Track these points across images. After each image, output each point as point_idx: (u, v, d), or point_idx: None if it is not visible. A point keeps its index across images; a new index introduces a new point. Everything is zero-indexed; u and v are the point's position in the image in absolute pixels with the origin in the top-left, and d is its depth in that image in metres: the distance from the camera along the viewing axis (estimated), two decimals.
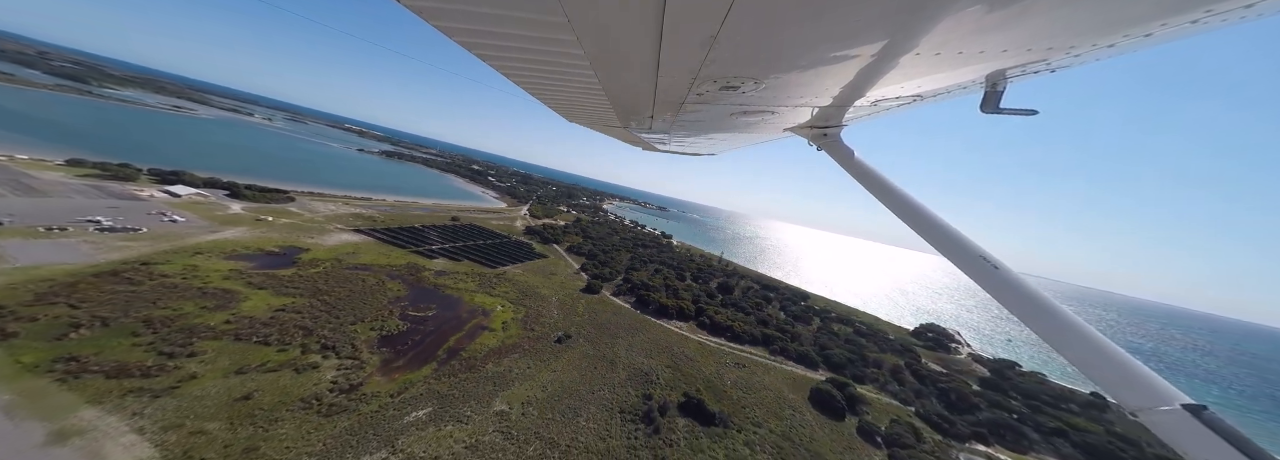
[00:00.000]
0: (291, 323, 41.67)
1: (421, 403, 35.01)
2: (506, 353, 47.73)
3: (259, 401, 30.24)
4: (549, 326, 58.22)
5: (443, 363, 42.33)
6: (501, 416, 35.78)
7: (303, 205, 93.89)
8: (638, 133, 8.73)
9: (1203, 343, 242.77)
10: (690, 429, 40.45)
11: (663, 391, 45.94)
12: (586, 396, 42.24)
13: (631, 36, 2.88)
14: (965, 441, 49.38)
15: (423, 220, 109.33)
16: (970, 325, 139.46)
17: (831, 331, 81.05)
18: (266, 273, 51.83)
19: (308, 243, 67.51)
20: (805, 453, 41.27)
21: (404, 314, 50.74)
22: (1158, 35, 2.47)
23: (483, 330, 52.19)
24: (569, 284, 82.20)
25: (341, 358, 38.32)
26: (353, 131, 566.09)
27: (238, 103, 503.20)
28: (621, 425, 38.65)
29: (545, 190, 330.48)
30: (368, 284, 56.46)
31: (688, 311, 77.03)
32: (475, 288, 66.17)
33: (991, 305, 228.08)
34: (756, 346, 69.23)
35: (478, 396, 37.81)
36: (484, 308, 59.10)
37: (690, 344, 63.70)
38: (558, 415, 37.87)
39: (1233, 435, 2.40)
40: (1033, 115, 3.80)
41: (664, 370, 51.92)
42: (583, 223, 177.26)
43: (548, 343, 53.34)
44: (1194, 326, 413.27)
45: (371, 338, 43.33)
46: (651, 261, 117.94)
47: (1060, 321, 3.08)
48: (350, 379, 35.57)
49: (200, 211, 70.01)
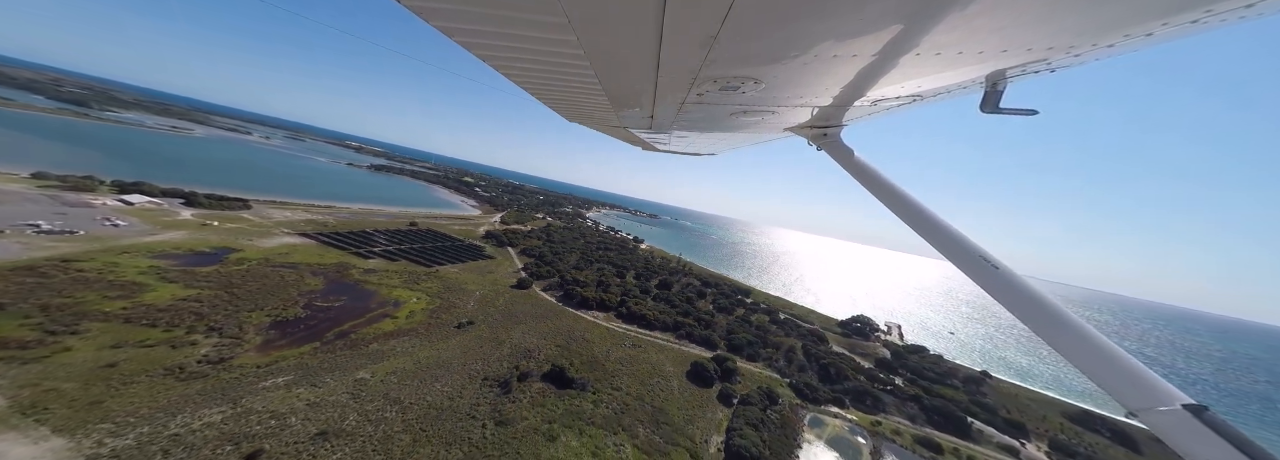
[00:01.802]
0: (188, 310, 46.26)
1: (285, 373, 39.24)
2: (398, 336, 51.98)
3: (122, 369, 34.66)
4: (457, 316, 62.41)
5: (326, 343, 46.62)
6: (359, 383, 39.92)
7: (258, 212, 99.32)
8: (637, 132, 8.76)
9: (1187, 341, 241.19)
10: (543, 391, 44.38)
11: (536, 364, 49.93)
12: (457, 368, 46.32)
13: (632, 36, 2.92)
14: (821, 404, 53.32)
15: (379, 225, 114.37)
16: (922, 319, 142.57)
17: (747, 320, 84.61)
18: (186, 269, 56.63)
19: (244, 244, 72.48)
20: (649, 408, 45.13)
21: (309, 304, 55.19)
22: (1158, 35, 2.48)
23: (385, 318, 56.49)
24: (502, 281, 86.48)
25: (223, 337, 42.75)
26: (352, 147, 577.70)
27: (242, 123, 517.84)
28: (476, 389, 42.69)
29: (531, 199, 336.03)
30: (285, 279, 61.07)
31: (610, 303, 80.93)
32: (399, 284, 70.58)
33: (961, 304, 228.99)
34: (665, 332, 73.00)
35: (344, 368, 42.02)
36: (397, 300, 63.44)
37: (596, 330, 67.59)
38: (417, 382, 41.97)
39: (1234, 436, 2.40)
40: (1033, 115, 3.82)
41: (551, 349, 55.88)
42: (552, 228, 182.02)
43: (448, 328, 57.52)
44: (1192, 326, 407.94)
45: (263, 322, 47.77)
46: (603, 262, 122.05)
47: (1060, 322, 3.08)
48: (222, 354, 39.94)
49: (146, 217, 75.41)
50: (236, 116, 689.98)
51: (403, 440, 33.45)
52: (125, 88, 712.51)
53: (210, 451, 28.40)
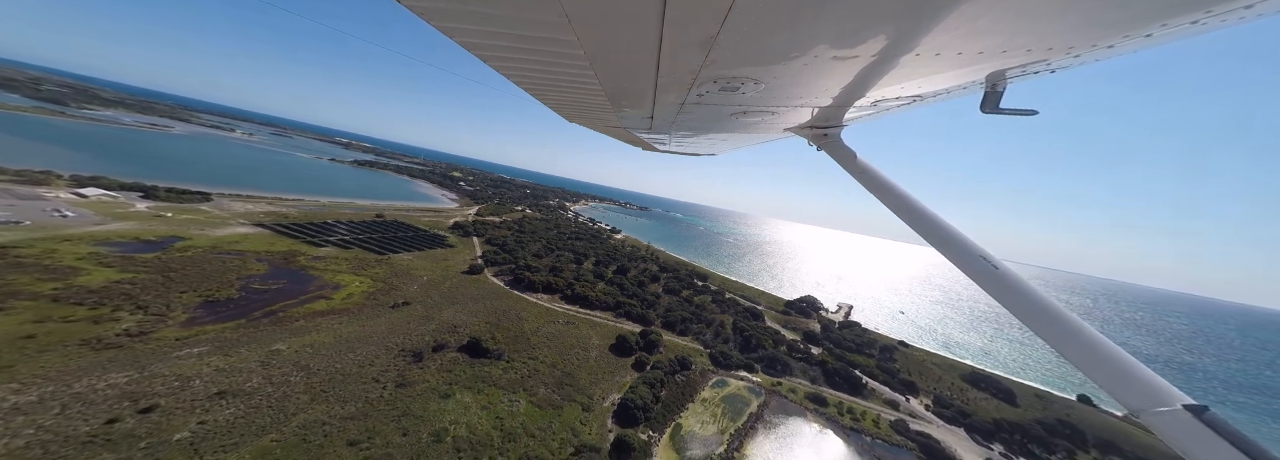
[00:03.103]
0: (119, 291, 48.84)
1: (202, 345, 42.01)
2: (328, 315, 54.75)
3: (40, 340, 37.34)
4: (395, 297, 65.18)
5: (253, 320, 49.37)
6: (272, 353, 42.75)
7: (218, 204, 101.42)
8: (637, 133, 8.79)
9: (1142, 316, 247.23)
10: (455, 360, 47.43)
11: (455, 338, 52.90)
12: (377, 342, 49.21)
13: (632, 37, 2.93)
14: (733, 370, 57.61)
15: (343, 217, 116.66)
16: (882, 301, 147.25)
17: (690, 300, 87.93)
18: (126, 256, 59.05)
19: (194, 234, 74.83)
20: (559, 373, 48.50)
21: (245, 287, 57.82)
22: (1158, 36, 2.48)
23: (319, 299, 59.20)
24: (455, 267, 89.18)
25: (149, 315, 45.42)
26: (340, 143, 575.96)
27: (227, 120, 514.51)
28: (389, 359, 45.63)
29: (517, 193, 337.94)
30: (227, 265, 63.61)
31: (557, 286, 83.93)
32: (345, 269, 73.19)
33: (934, 290, 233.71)
34: (605, 311, 76.12)
35: (263, 341, 44.82)
36: (338, 284, 66.14)
37: (535, 309, 70.59)
38: (332, 353, 44.84)
39: (1234, 436, 2.40)
40: (1033, 115, 3.82)
41: (480, 325, 58.84)
42: (527, 219, 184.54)
43: (381, 309, 60.32)
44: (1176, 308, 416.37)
45: (194, 302, 50.44)
46: (566, 250, 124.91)
47: (1060, 321, 3.10)
48: (144, 328, 42.64)
49: (99, 208, 77.56)
50: (224, 114, 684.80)
51: (300, 399, 36.38)
52: (117, 87, 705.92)
53: (107, 407, 31.24)
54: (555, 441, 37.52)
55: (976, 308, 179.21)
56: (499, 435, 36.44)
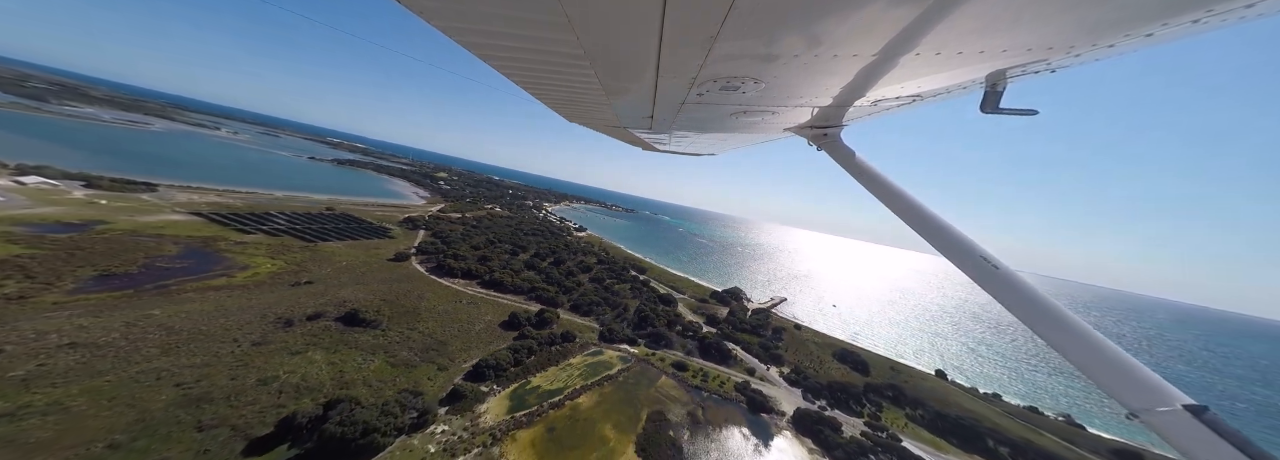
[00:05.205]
0: (14, 264, 52.05)
1: (77, 309, 45.31)
2: (222, 290, 58.09)
3: None
4: (300, 277, 68.51)
5: (142, 292, 52.71)
6: (145, 316, 46.04)
7: (162, 195, 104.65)
8: (637, 132, 8.84)
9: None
10: (327, 327, 50.85)
11: (336, 309, 56.27)
12: (255, 311, 52.50)
13: (632, 36, 2.96)
14: (616, 343, 62.62)
15: (290, 209, 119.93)
16: (826, 297, 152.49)
17: (608, 287, 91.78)
18: (38, 235, 62.30)
19: (120, 219, 78.06)
20: (431, 340, 52.26)
21: (148, 265, 61.07)
22: (1158, 35, 2.50)
23: (222, 277, 62.55)
24: (383, 255, 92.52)
25: (35, 284, 48.70)
26: (329, 143, 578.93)
27: (216, 119, 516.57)
28: (260, 324, 48.98)
29: (496, 193, 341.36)
30: (139, 246, 66.83)
31: (478, 273, 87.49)
32: (263, 253, 76.43)
33: (896, 292, 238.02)
34: (517, 295, 79.68)
35: (140, 308, 48.13)
36: (248, 265, 69.46)
37: (443, 291, 74.03)
38: (204, 318, 48.14)
39: (1234, 436, 2.43)
40: (1033, 115, 3.86)
41: (372, 300, 62.15)
42: (490, 216, 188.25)
43: (281, 287, 63.65)
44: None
45: (88, 275, 53.71)
46: (510, 243, 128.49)
47: (1060, 322, 3.13)
48: (24, 293, 45.95)
49: (33, 195, 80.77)
50: (218, 113, 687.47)
51: (151, 352, 39.73)
52: (113, 86, 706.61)
53: None
54: (391, 391, 40.82)
55: (930, 306, 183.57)
56: (332, 384, 39.86)
